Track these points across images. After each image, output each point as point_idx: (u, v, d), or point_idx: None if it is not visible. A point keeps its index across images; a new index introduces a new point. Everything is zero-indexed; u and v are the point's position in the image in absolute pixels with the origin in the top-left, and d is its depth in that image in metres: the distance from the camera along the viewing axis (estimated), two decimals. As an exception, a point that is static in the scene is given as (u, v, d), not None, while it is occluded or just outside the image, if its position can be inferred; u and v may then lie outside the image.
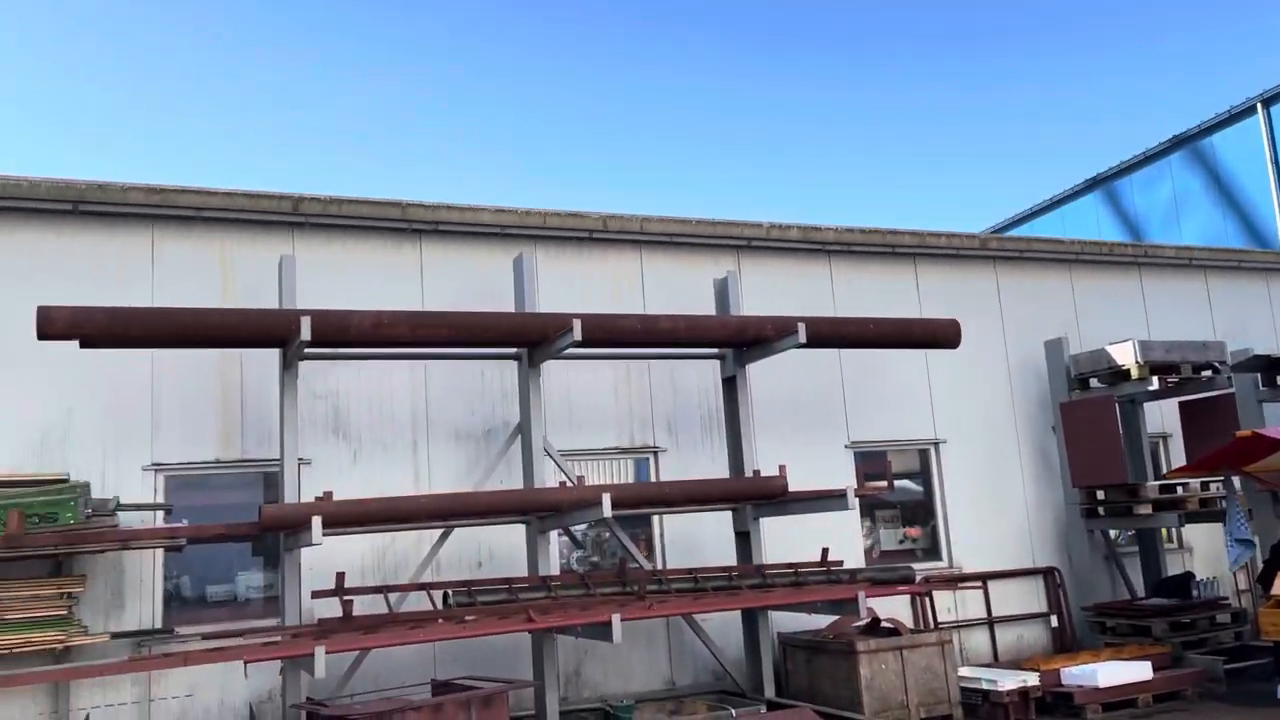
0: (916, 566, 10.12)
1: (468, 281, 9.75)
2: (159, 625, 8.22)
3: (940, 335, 10.09)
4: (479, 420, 9.66)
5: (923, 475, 11.67)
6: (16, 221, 8.42)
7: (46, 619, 7.49)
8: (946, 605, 11.10)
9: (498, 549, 9.36)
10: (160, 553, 8.34)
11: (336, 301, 8.81)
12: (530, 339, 8.70)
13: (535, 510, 8.49)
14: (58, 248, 8.53)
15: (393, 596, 8.30)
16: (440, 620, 7.91)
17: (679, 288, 10.53)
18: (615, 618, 7.32)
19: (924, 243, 11.89)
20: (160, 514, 8.37)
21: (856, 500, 8.87)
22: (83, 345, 7.57)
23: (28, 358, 8.10)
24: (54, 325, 7.26)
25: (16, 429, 8.11)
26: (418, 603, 8.56)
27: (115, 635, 7.89)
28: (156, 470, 8.52)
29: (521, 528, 9.05)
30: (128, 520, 8.14)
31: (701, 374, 10.49)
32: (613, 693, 9.39)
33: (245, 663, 6.92)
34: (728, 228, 10.85)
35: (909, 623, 10.37)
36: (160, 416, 8.60)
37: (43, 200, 8.41)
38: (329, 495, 7.85)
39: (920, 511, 11.61)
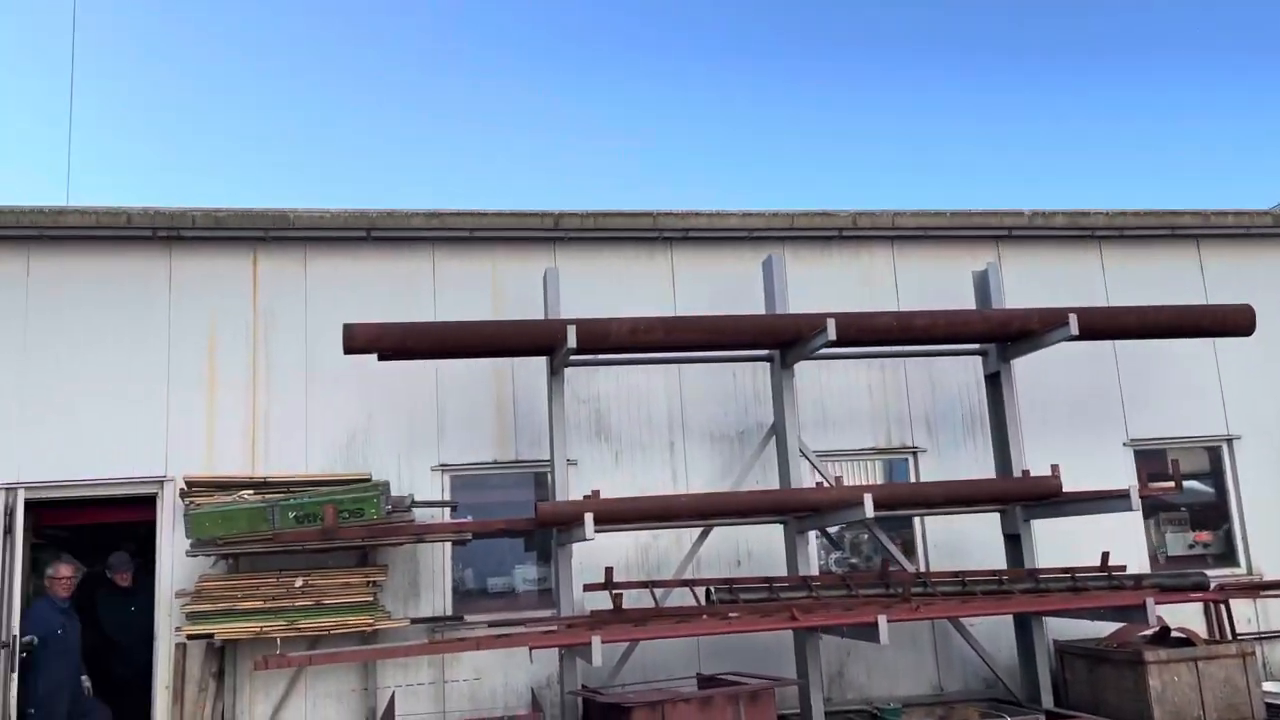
0: (1209, 573, 9.29)
1: (717, 285, 9.95)
2: (449, 613, 8.94)
3: (1231, 322, 9.25)
4: (732, 421, 9.82)
5: (1213, 475, 10.69)
6: (322, 249, 9.44)
7: (356, 604, 8.34)
8: (1246, 615, 10.11)
9: (756, 548, 9.47)
10: (448, 546, 9.08)
11: (594, 310, 9.22)
12: (783, 340, 8.77)
13: (794, 510, 8.54)
14: (355, 270, 9.48)
15: (657, 592, 8.60)
16: (705, 616, 8.13)
17: (934, 283, 10.23)
18: (881, 618, 7.23)
19: (1208, 222, 10.90)
20: (447, 510, 9.12)
21: (1140, 501, 8.27)
22: (381, 358, 8.39)
23: (335, 371, 9.06)
24: (357, 341, 8.11)
25: (328, 434, 9.09)
26: (680, 598, 8.81)
27: (414, 621, 8.68)
28: (443, 470, 9.28)
29: (779, 528, 9.11)
30: (420, 516, 8.91)
31: (962, 371, 10.14)
32: (877, 695, 9.27)
33: (530, 649, 7.41)
34: (985, 218, 10.43)
35: (1202, 633, 9.53)
36: (445, 422, 9.36)
37: (343, 229, 9.39)
38: (596, 494, 8.25)
39: (1211, 514, 10.64)
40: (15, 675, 7.63)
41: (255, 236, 9.30)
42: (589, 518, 7.51)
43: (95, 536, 9.62)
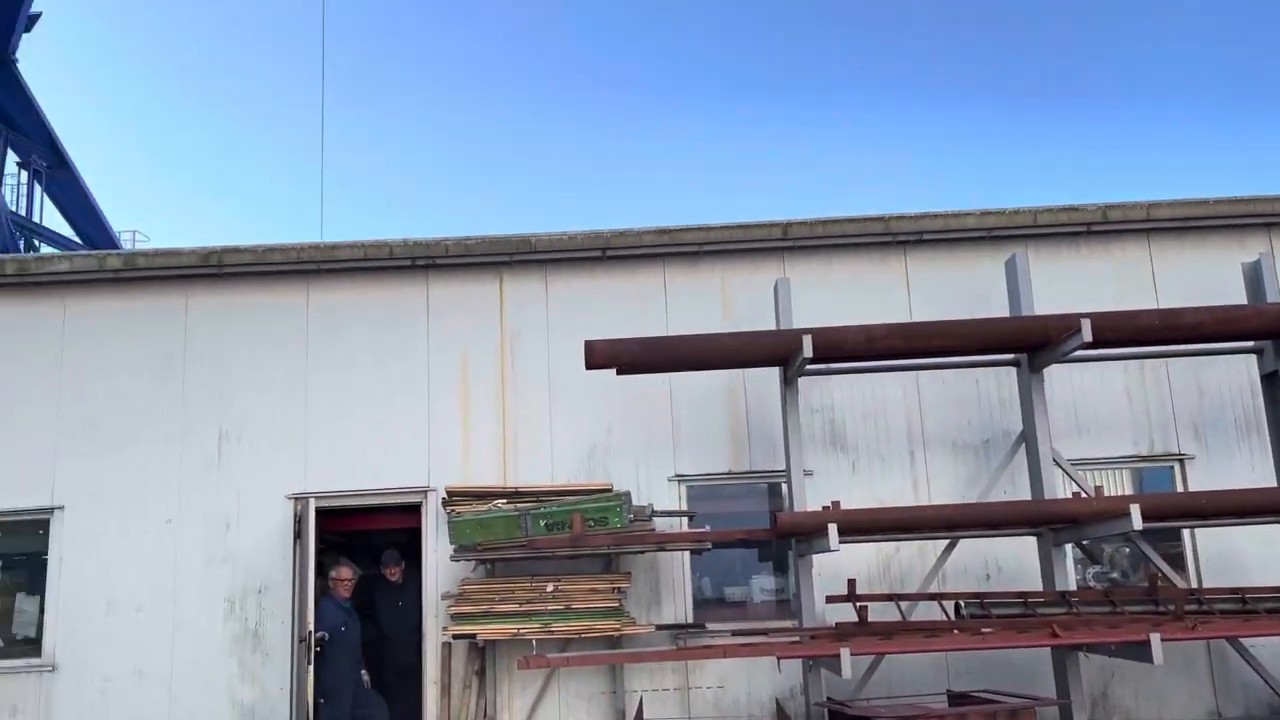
0: None
1: (955, 288, 9.63)
2: (690, 621, 9.11)
3: None
4: (975, 430, 9.47)
5: None
6: (561, 269, 9.88)
7: (604, 609, 8.65)
8: None
9: (1005, 562, 9.07)
10: (687, 555, 9.24)
11: (826, 318, 9.12)
12: (1031, 343, 8.38)
13: (1049, 522, 8.13)
14: (592, 288, 9.87)
15: (902, 605, 8.40)
16: (956, 631, 7.86)
17: (1195, 277, 9.47)
18: (1154, 637, 6.76)
19: None
20: (684, 520, 9.29)
21: None
22: (619, 372, 8.68)
23: (576, 385, 9.45)
24: (598, 356, 8.43)
25: (570, 445, 9.49)
26: (926, 612, 8.58)
27: (658, 627, 8.89)
28: (679, 481, 9.47)
29: (1031, 540, 8.70)
30: (659, 525, 9.12)
31: (1232, 371, 9.33)
32: (1146, 719, 8.65)
33: (778, 659, 7.43)
34: (1254, 204, 9.57)
35: None
36: (679, 433, 9.55)
37: (579, 250, 9.80)
38: (836, 505, 8.17)
39: None
40: (311, 667, 8.41)
41: (501, 261, 9.86)
42: (833, 528, 7.44)
43: (365, 542, 10.46)
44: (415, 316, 9.81)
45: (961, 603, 8.18)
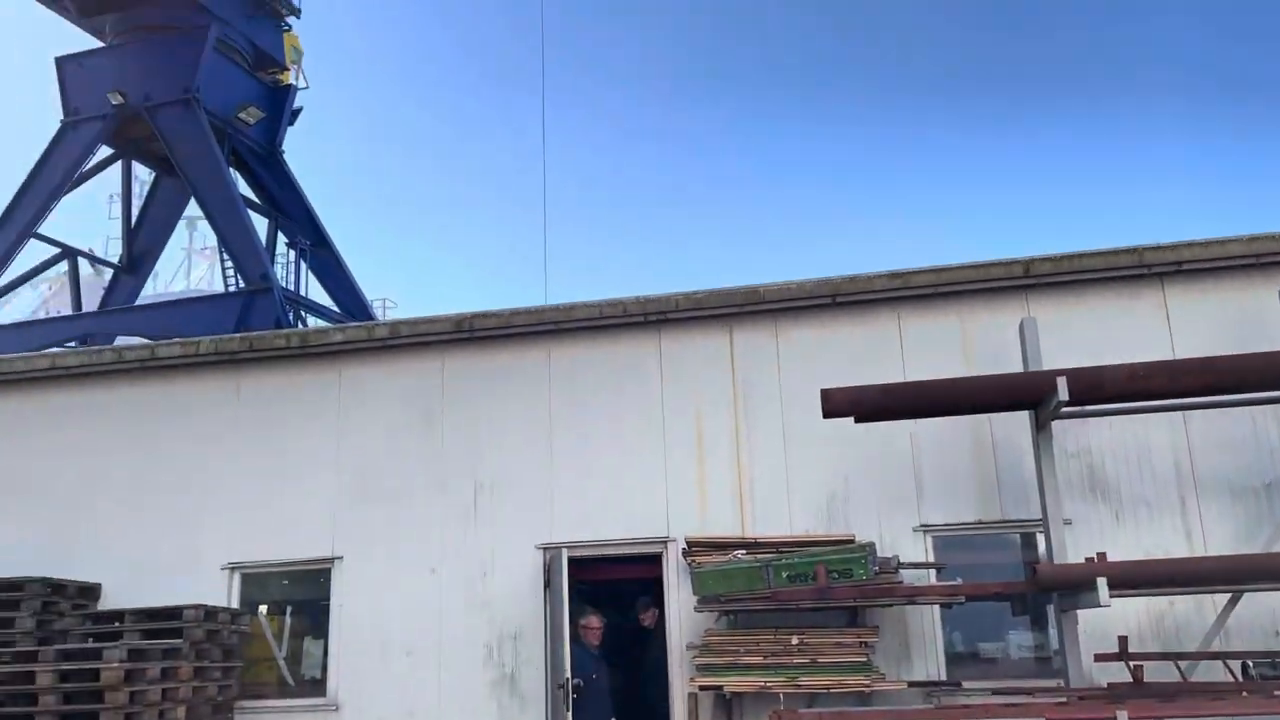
0: None
1: (1221, 321, 8.92)
2: (943, 678, 8.76)
3: None
4: (1254, 473, 8.68)
5: None
6: (791, 318, 9.91)
7: (851, 664, 8.47)
8: None
9: (1301, 618, 8.20)
10: (937, 609, 8.92)
11: (1075, 358, 8.66)
12: (1320, 377, 7.62)
13: (1355, 575, 7.29)
14: (823, 336, 9.83)
15: (1181, 665, 7.75)
16: (1245, 693, 7.17)
17: None
18: None
19: None
20: (932, 572, 9.00)
21: None
22: (857, 420, 8.58)
23: (811, 434, 9.40)
24: (835, 404, 8.37)
25: (808, 495, 9.43)
26: (1207, 673, 7.87)
27: (910, 684, 8.61)
28: (925, 531, 9.19)
29: (1333, 595, 7.83)
30: (906, 577, 8.87)
31: None
32: None
33: (1046, 721, 7.02)
34: None
35: None
36: (922, 481, 9.30)
37: (809, 298, 9.81)
38: (1102, 556, 7.68)
39: None
40: (569, 713, 8.72)
41: (730, 313, 10.01)
42: (1102, 582, 7.01)
43: (610, 590, 10.76)
44: (649, 370, 10.10)
45: (1250, 662, 7.46)
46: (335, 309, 24.47)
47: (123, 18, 23.67)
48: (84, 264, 25.97)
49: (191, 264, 37.05)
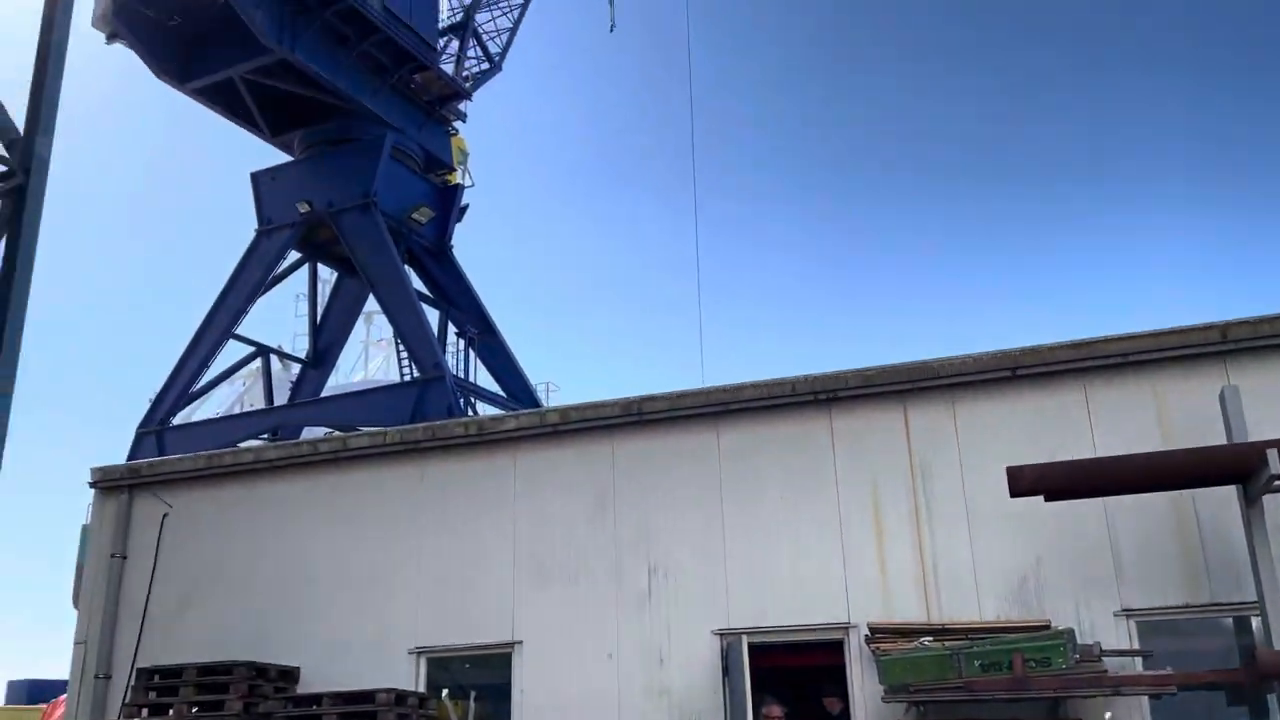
0: None
1: None
2: (1159, 777, 8.09)
3: None
4: None
5: None
6: (968, 393, 9.61)
7: (1055, 760, 7.94)
8: None
9: None
10: (1145, 700, 8.29)
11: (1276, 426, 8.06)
12: None
13: None
14: (1003, 410, 9.48)
15: None
16: None
17: None
18: None
19: None
20: (1138, 659, 8.39)
21: None
22: (1048, 498, 8.19)
23: (996, 512, 9.02)
24: (1024, 482, 8.04)
25: (996, 577, 9.01)
26: None
27: (1122, 783, 8.00)
28: (1127, 615, 8.62)
29: None
30: (1109, 666, 8.29)
31: None
32: None
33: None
34: None
35: None
36: (1121, 562, 8.75)
37: (986, 371, 9.51)
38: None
39: None
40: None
41: (904, 389, 9.81)
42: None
43: (789, 677, 10.50)
44: (821, 449, 9.96)
45: None
46: (502, 394, 25.34)
47: (309, 132, 25.74)
48: (274, 360, 27.93)
49: (368, 355, 39.17)
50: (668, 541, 10.11)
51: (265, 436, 23.24)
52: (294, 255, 26.14)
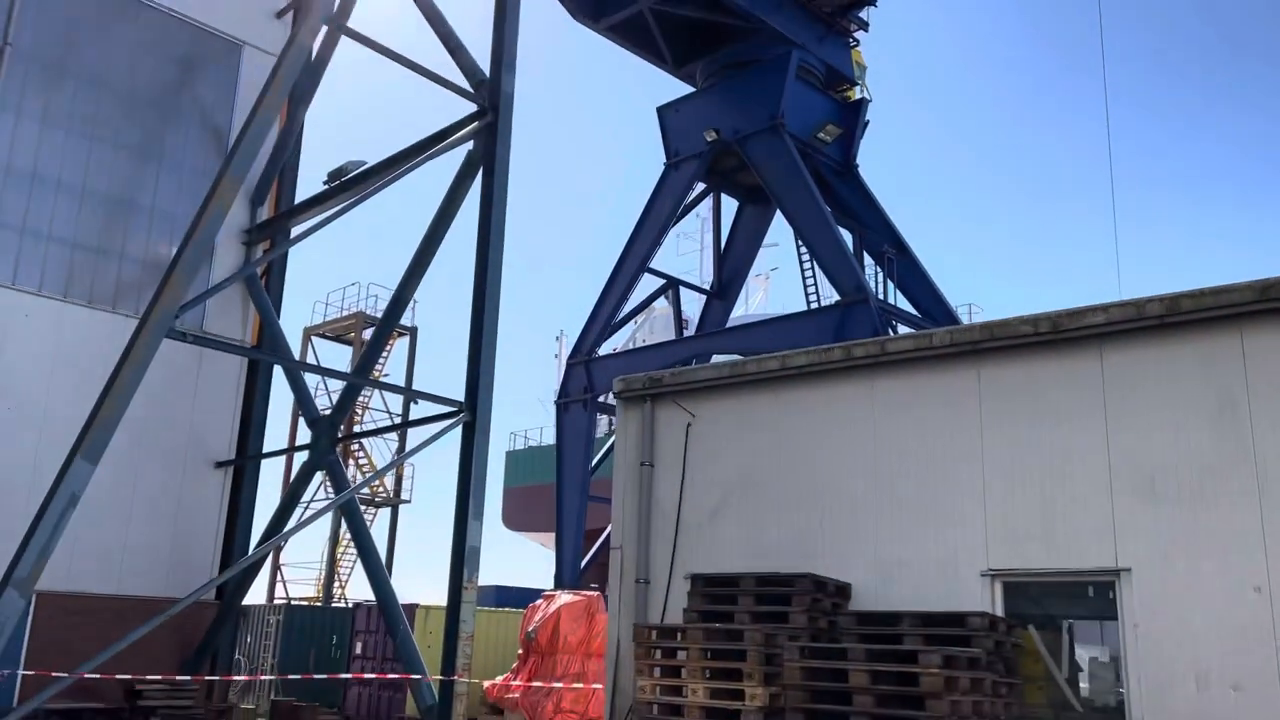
0: None
1: None
2: None
3: None
4: None
5: None
6: None
7: None
8: None
9: None
10: None
11: None
12: None
13: None
14: None
15: None
16: None
17: None
18: None
19: None
20: None
21: None
22: None
23: None
24: None
25: None
26: None
27: None
28: None
29: None
30: None
31: None
32: None
33: None
34: None
35: None
36: None
37: None
38: None
39: None
40: None
41: None
42: None
43: None
44: None
45: None
46: (919, 316, 23.73)
47: (711, 60, 25.30)
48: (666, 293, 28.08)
49: (749, 291, 39.01)
50: (1321, 452, 8.14)
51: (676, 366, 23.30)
52: (698, 186, 26.01)
